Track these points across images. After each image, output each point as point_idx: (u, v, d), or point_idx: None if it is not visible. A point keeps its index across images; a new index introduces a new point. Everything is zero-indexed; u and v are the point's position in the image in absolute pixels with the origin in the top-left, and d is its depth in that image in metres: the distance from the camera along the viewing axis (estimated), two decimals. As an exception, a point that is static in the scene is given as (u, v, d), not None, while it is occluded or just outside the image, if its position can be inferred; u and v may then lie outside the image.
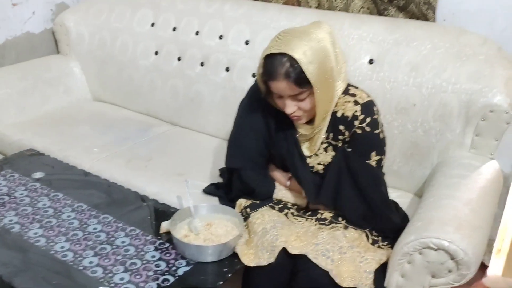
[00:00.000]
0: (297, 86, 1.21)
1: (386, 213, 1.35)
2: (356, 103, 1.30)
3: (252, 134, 1.44)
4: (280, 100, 1.28)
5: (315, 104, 1.25)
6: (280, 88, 1.23)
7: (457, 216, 1.20)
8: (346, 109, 1.30)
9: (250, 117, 1.44)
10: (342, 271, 1.21)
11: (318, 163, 1.40)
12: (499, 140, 1.50)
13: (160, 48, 2.17)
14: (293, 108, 1.26)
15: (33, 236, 1.36)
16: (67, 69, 2.40)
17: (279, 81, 1.21)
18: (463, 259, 1.12)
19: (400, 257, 1.20)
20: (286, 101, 1.26)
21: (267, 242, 1.27)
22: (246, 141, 1.45)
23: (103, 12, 2.36)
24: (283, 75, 1.19)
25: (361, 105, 1.29)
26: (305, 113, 1.29)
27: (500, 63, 1.50)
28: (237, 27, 1.97)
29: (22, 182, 1.63)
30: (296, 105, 1.26)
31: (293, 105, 1.26)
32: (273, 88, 1.25)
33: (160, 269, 1.26)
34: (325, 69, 1.22)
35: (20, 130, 2.06)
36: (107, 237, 1.37)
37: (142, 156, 1.87)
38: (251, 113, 1.44)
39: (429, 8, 1.72)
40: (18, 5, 2.34)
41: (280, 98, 1.28)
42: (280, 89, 1.23)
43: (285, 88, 1.22)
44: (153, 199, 1.57)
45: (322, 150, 1.38)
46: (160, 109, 2.20)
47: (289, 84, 1.21)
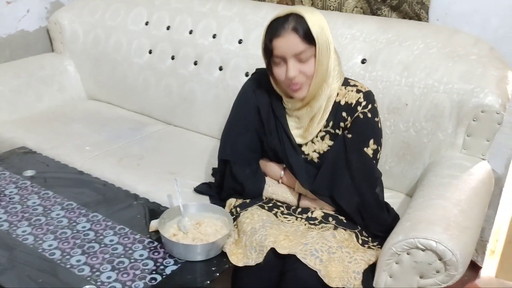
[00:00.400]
0: (304, 41, 1.24)
1: (376, 213, 1.35)
2: (359, 91, 1.36)
3: (243, 129, 1.46)
4: (281, 67, 1.29)
5: (314, 71, 1.28)
6: (286, 44, 1.24)
7: (446, 216, 1.20)
8: (349, 97, 1.36)
9: (243, 112, 1.47)
10: (330, 271, 1.20)
11: (313, 150, 1.40)
12: (490, 140, 1.49)
13: (154, 47, 2.16)
14: (295, 72, 1.27)
15: (21, 234, 1.35)
16: (61, 67, 2.39)
17: (286, 36, 1.24)
18: (451, 260, 1.11)
19: (388, 257, 1.19)
20: (289, 63, 1.26)
21: (255, 242, 1.27)
22: (237, 136, 1.46)
23: (97, 10, 2.36)
24: (291, 29, 1.24)
25: (363, 93, 1.35)
26: (305, 79, 1.29)
27: (492, 63, 1.49)
28: (230, 26, 1.97)
29: (13, 180, 1.63)
30: (298, 69, 1.27)
31: (295, 68, 1.27)
32: (279, 47, 1.26)
33: (148, 268, 1.25)
34: (326, 37, 1.27)
35: (13, 127, 2.05)
36: (96, 236, 1.36)
37: (134, 154, 1.87)
38: (243, 108, 1.46)
39: (422, 8, 1.71)
40: (12, 3, 2.34)
41: (282, 64, 1.28)
42: (286, 45, 1.25)
43: (291, 44, 1.24)
44: (144, 198, 1.56)
45: (319, 139, 1.39)
46: (154, 107, 2.20)
47: (296, 38, 1.24)
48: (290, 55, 1.26)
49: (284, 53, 1.26)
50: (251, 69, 1.89)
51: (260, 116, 1.44)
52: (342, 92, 1.37)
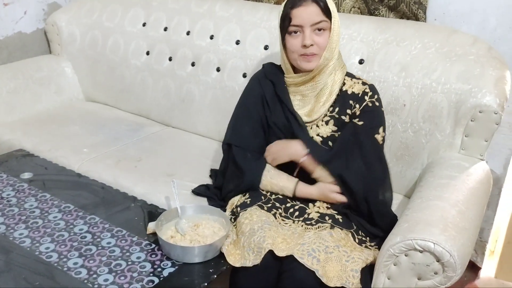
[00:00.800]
0: (323, 12, 1.35)
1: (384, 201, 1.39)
2: (364, 84, 1.46)
3: (247, 117, 1.52)
4: (296, 38, 1.37)
5: (328, 43, 1.37)
6: (306, 13, 1.34)
7: (444, 217, 1.19)
8: (355, 88, 1.45)
9: (248, 101, 1.54)
10: (328, 271, 1.20)
11: (317, 134, 1.45)
12: (489, 140, 1.48)
13: (151, 48, 2.16)
14: (311, 41, 1.35)
15: (18, 237, 1.35)
16: (58, 69, 2.39)
17: (307, 6, 1.35)
18: (449, 261, 1.11)
19: (386, 259, 1.18)
20: (306, 32, 1.35)
21: (253, 243, 1.27)
22: (241, 123, 1.53)
23: (94, 11, 2.35)
24: (312, 0, 1.34)
25: (368, 85, 1.45)
26: (319, 51, 1.37)
27: (490, 63, 1.49)
28: (227, 27, 1.97)
29: (10, 182, 1.62)
30: (313, 39, 1.36)
31: (311, 38, 1.36)
32: (298, 16, 1.35)
33: (145, 270, 1.25)
34: (338, 18, 1.39)
35: (10, 130, 2.05)
36: (93, 238, 1.36)
37: (132, 156, 1.86)
38: (248, 97, 1.55)
39: (420, 8, 1.71)
40: (9, 4, 2.33)
41: (298, 34, 1.37)
42: (306, 14, 1.34)
43: (312, 13, 1.34)
44: (142, 200, 1.56)
45: (323, 123, 1.44)
46: (152, 109, 2.20)
47: (317, 8, 1.34)
48: (308, 24, 1.35)
49: (302, 22, 1.35)
50: (248, 70, 1.89)
51: (265, 105, 1.50)
52: (349, 82, 1.46)
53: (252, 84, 1.56)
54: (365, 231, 1.36)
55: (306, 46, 1.36)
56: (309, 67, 1.39)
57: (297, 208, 1.42)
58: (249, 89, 1.56)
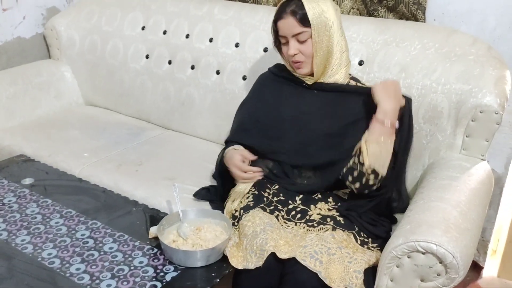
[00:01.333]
0: (300, 23, 1.39)
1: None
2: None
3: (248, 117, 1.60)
4: (285, 46, 1.45)
5: (313, 51, 1.40)
6: (285, 25, 1.41)
7: (446, 218, 1.19)
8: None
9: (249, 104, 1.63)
10: (331, 272, 1.20)
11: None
12: (490, 140, 1.48)
13: (150, 52, 2.16)
14: (295, 50, 1.42)
15: (20, 243, 1.35)
16: (58, 74, 2.39)
17: (286, 18, 1.40)
18: (452, 263, 1.11)
19: (388, 261, 1.18)
20: (290, 43, 1.42)
21: (256, 246, 1.26)
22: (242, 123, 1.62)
23: (93, 15, 2.35)
24: (290, 12, 1.40)
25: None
26: (305, 58, 1.43)
27: (490, 63, 1.49)
28: (227, 29, 1.97)
29: (11, 188, 1.62)
30: (298, 48, 1.42)
31: (295, 47, 1.42)
32: (281, 28, 1.43)
33: (148, 275, 1.25)
34: (325, 20, 1.40)
35: (10, 135, 2.05)
36: (95, 243, 1.36)
37: (132, 160, 1.86)
38: (251, 100, 1.63)
39: (419, 8, 1.71)
40: (8, 10, 2.33)
41: (285, 43, 1.44)
42: (286, 27, 1.41)
43: (290, 25, 1.40)
44: (143, 204, 1.56)
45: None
46: (152, 112, 2.20)
47: (294, 21, 1.39)
48: (290, 35, 1.41)
49: (285, 33, 1.43)
50: (248, 73, 1.89)
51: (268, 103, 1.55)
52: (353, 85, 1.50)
53: (256, 84, 1.65)
54: (367, 232, 1.36)
55: (291, 55, 1.43)
56: (301, 72, 1.47)
57: (299, 210, 1.42)
58: (254, 92, 1.64)
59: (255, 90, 1.64)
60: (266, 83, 1.61)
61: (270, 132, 1.53)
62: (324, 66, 1.44)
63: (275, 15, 1.45)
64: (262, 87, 1.62)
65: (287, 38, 1.42)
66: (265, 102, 1.57)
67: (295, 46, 1.42)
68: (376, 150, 1.34)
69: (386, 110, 1.34)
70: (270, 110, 1.55)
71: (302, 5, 1.39)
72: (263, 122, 1.55)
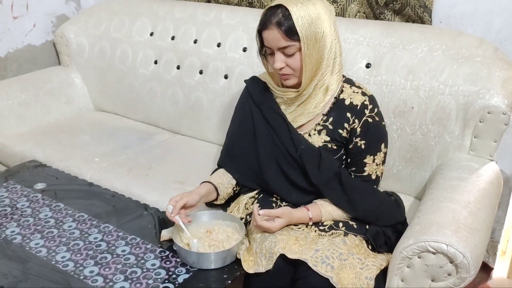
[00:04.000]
0: (287, 36, 1.25)
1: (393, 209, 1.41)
2: (364, 94, 1.38)
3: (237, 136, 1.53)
4: (271, 58, 1.33)
5: (301, 64, 1.29)
6: (271, 37, 1.27)
7: (456, 219, 1.20)
8: (354, 98, 1.37)
9: (236, 122, 1.56)
10: (342, 278, 1.20)
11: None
12: (498, 141, 1.49)
13: (159, 57, 2.18)
14: (281, 64, 1.30)
15: (34, 247, 1.37)
16: (68, 80, 2.42)
17: (270, 29, 1.27)
18: (462, 262, 1.11)
19: (399, 261, 1.19)
20: (276, 55, 1.30)
21: (265, 249, 1.27)
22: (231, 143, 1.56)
23: (102, 22, 2.39)
24: (275, 23, 1.26)
25: (368, 96, 1.38)
26: (293, 71, 1.32)
27: (497, 64, 1.50)
28: (234, 34, 1.99)
29: (24, 193, 1.65)
30: (285, 61, 1.30)
31: (281, 61, 1.30)
32: (266, 39, 1.30)
33: (160, 277, 1.26)
34: (316, 30, 1.26)
35: (22, 141, 2.08)
36: (108, 246, 1.37)
37: (142, 164, 1.88)
38: (237, 116, 1.55)
39: (425, 11, 1.72)
40: (19, 18, 2.37)
41: (271, 55, 1.32)
42: (271, 39, 1.28)
43: (275, 38, 1.27)
44: (154, 207, 1.58)
45: (316, 132, 1.40)
46: (161, 117, 2.22)
47: (279, 34, 1.26)
48: (275, 48, 1.29)
49: (270, 45, 1.30)
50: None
51: (252, 119, 1.48)
52: (348, 91, 1.38)
53: (239, 103, 1.56)
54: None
55: (277, 69, 1.31)
56: (288, 84, 1.36)
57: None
58: (238, 107, 1.56)
59: (236, 112, 1.57)
60: (244, 108, 1.51)
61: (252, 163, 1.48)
62: (313, 76, 1.33)
63: (259, 24, 1.31)
64: (241, 112, 1.53)
65: (273, 50, 1.30)
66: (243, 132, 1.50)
67: (282, 59, 1.29)
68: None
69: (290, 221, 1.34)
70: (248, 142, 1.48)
71: (289, 14, 1.24)
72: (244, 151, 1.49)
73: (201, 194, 1.42)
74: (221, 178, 1.51)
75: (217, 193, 1.48)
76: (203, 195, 1.42)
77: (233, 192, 1.54)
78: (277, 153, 1.43)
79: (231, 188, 1.52)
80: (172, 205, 1.35)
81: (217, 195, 1.48)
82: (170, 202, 1.36)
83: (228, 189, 1.51)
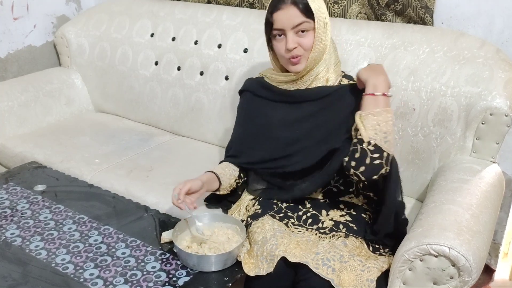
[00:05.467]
0: (303, 14, 1.31)
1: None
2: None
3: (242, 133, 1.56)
4: (280, 41, 1.36)
5: (313, 44, 1.33)
6: (286, 16, 1.31)
7: (458, 221, 1.19)
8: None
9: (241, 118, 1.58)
10: (343, 280, 1.20)
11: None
12: (500, 143, 1.48)
13: (160, 58, 2.18)
14: (294, 44, 1.33)
15: (34, 249, 1.36)
16: (68, 81, 2.41)
17: (286, 8, 1.31)
18: (465, 265, 1.11)
19: (401, 264, 1.19)
20: (289, 36, 1.33)
21: (266, 252, 1.27)
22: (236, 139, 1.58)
23: (102, 23, 2.38)
24: (291, 2, 1.31)
25: None
26: (304, 52, 1.35)
27: (499, 65, 1.49)
28: (235, 35, 1.98)
29: (24, 195, 1.64)
30: (297, 42, 1.33)
31: (294, 41, 1.33)
32: (279, 20, 1.33)
33: (161, 279, 1.25)
34: (324, 15, 1.34)
35: (22, 142, 2.07)
36: (108, 249, 1.37)
37: (143, 166, 1.88)
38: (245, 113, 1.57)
39: (427, 12, 1.71)
40: (19, 18, 2.37)
41: (281, 37, 1.35)
42: (286, 17, 1.31)
43: (291, 16, 1.31)
44: (154, 209, 1.57)
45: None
46: (161, 118, 2.21)
47: (297, 10, 1.31)
48: (289, 27, 1.32)
49: (283, 25, 1.33)
50: (257, 78, 1.90)
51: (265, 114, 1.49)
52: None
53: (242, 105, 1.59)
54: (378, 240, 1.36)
55: (290, 49, 1.33)
56: (297, 69, 1.38)
57: (309, 215, 1.42)
58: (241, 105, 1.59)
59: (242, 110, 1.58)
60: (250, 104, 1.54)
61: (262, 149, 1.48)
62: (316, 63, 1.38)
63: (271, 7, 1.35)
64: (248, 108, 1.55)
65: (285, 31, 1.33)
66: (254, 123, 1.52)
67: (294, 39, 1.33)
68: (373, 122, 1.25)
69: (375, 83, 1.27)
70: (261, 130, 1.49)
71: None
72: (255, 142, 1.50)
73: (203, 180, 1.43)
74: (223, 169, 1.52)
75: (219, 183, 1.48)
76: (205, 182, 1.44)
77: (235, 184, 1.54)
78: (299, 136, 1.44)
79: (234, 180, 1.52)
80: (177, 192, 1.37)
81: (219, 185, 1.48)
82: (175, 190, 1.38)
83: (231, 180, 1.51)
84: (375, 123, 1.25)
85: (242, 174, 1.55)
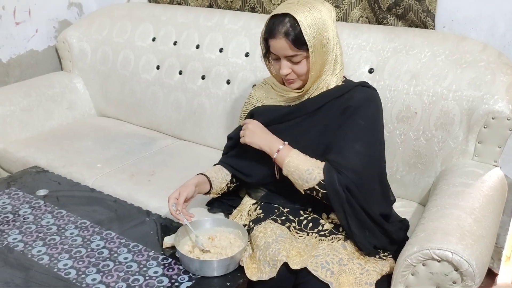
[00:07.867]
0: (295, 46, 1.28)
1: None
2: None
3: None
4: (276, 62, 1.36)
5: (309, 69, 1.32)
6: (278, 46, 1.30)
7: (460, 225, 1.19)
8: None
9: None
10: (342, 283, 1.19)
11: None
12: (502, 147, 1.48)
13: (161, 62, 2.18)
14: (287, 70, 1.33)
15: (36, 254, 1.36)
16: (70, 85, 2.42)
17: (278, 39, 1.29)
18: (467, 270, 1.10)
19: (403, 269, 1.18)
20: (282, 62, 1.33)
21: (269, 256, 1.27)
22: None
23: (104, 27, 2.39)
24: (283, 33, 1.28)
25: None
26: (299, 77, 1.35)
27: (501, 69, 1.49)
28: (237, 39, 1.98)
29: (26, 199, 1.64)
30: (291, 68, 1.33)
31: (287, 67, 1.33)
32: (272, 47, 1.32)
33: (163, 284, 1.25)
34: (322, 38, 1.30)
35: (24, 146, 2.08)
36: (110, 254, 1.37)
37: (145, 170, 1.88)
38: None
39: (428, 15, 1.71)
40: (21, 23, 2.38)
41: (277, 60, 1.35)
42: (278, 47, 1.30)
43: (282, 47, 1.29)
44: (156, 214, 1.57)
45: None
46: (163, 122, 2.21)
47: (287, 43, 1.28)
48: (282, 56, 1.32)
49: (277, 53, 1.33)
50: (258, 82, 1.90)
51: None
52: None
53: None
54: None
55: (283, 75, 1.34)
56: (293, 87, 1.39)
57: (310, 219, 1.42)
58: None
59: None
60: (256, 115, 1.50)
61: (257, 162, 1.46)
62: (317, 79, 1.37)
63: (266, 32, 1.33)
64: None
65: (280, 57, 1.33)
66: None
67: (288, 65, 1.32)
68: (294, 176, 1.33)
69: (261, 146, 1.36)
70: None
71: (297, 24, 1.26)
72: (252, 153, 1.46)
73: (195, 183, 1.43)
74: (216, 172, 1.52)
75: (210, 186, 1.48)
76: (197, 185, 1.44)
77: (227, 189, 1.54)
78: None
79: (225, 184, 1.52)
80: (174, 202, 1.37)
81: (210, 188, 1.48)
82: (170, 200, 1.38)
83: (222, 184, 1.51)
84: (296, 176, 1.32)
85: (235, 179, 1.55)
